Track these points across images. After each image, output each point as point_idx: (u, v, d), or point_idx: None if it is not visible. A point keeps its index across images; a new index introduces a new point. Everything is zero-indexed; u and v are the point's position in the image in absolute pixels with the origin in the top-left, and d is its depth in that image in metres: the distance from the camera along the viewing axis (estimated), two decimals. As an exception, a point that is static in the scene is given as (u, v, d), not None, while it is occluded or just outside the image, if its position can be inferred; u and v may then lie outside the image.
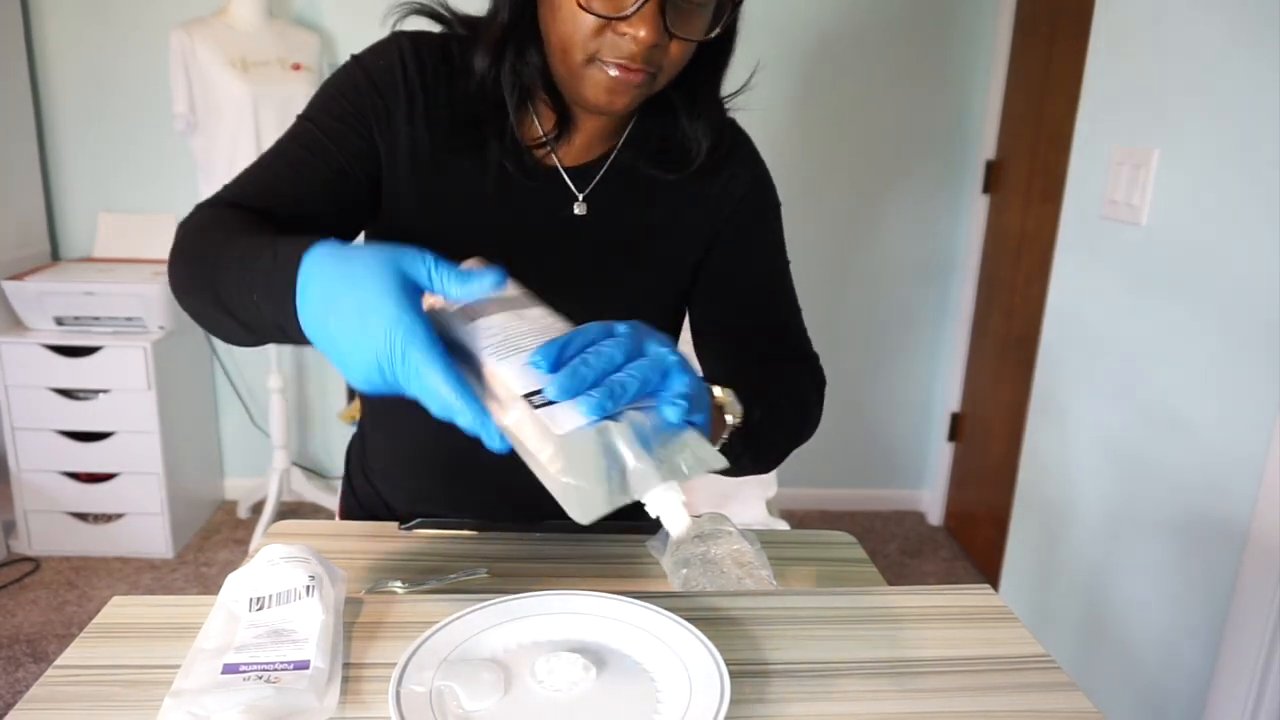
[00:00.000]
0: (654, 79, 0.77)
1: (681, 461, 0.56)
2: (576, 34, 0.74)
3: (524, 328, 0.59)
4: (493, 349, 0.57)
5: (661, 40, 0.73)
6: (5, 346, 2.36)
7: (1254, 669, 1.29)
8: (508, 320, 0.60)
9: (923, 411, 3.05)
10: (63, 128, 2.63)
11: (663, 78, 0.78)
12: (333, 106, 0.82)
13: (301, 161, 0.81)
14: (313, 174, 0.81)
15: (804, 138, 2.77)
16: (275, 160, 0.82)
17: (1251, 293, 1.32)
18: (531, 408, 0.55)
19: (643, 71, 0.75)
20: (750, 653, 0.65)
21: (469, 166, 0.85)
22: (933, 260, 2.91)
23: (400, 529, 0.91)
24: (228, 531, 2.75)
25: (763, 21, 2.64)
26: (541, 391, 0.55)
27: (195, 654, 0.60)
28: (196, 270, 0.70)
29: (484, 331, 0.58)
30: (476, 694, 0.57)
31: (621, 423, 0.55)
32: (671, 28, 0.73)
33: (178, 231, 0.76)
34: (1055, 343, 1.84)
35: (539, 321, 0.60)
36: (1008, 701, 0.61)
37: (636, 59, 0.74)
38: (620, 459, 0.54)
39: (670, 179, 0.88)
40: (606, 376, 0.56)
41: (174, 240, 0.75)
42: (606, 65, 0.75)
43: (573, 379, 0.54)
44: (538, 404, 0.55)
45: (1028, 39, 2.56)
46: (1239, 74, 1.35)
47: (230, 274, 0.65)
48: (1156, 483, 1.51)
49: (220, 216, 0.75)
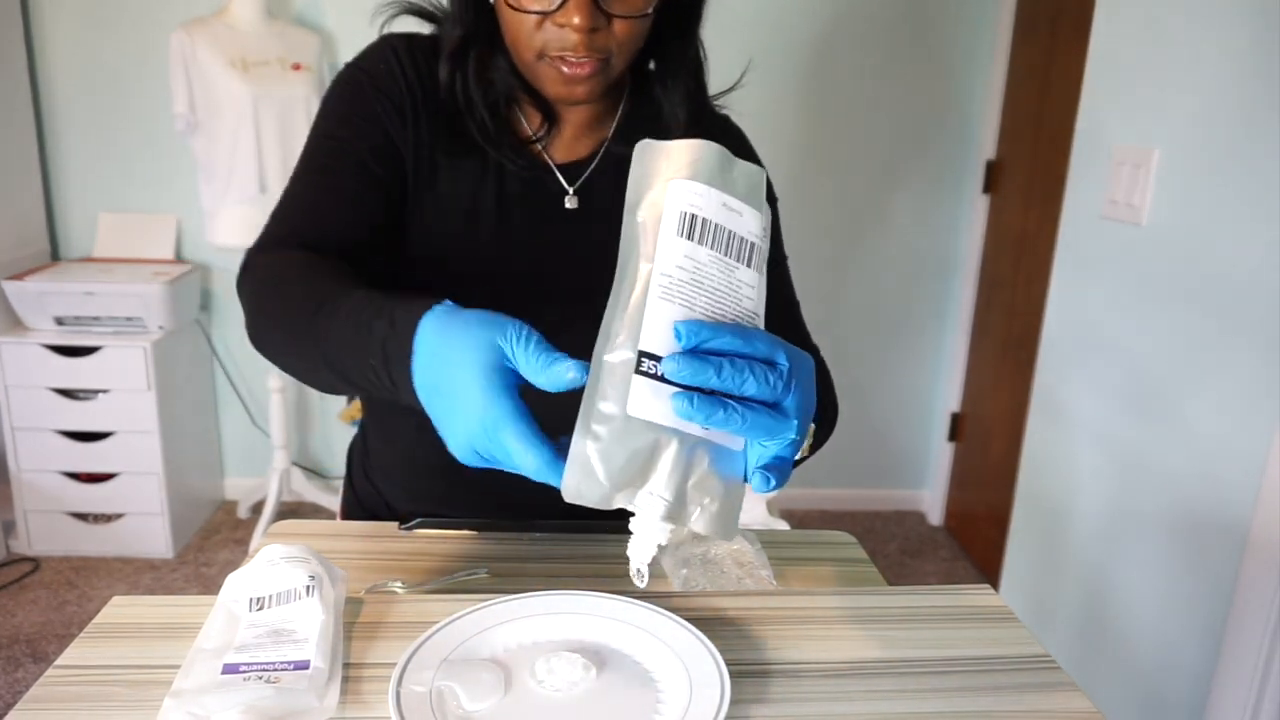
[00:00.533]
0: (608, 63, 0.77)
1: (696, 512, 0.53)
2: (519, 33, 0.75)
3: (715, 284, 0.54)
4: (668, 284, 0.52)
5: (598, 24, 0.73)
6: (5, 346, 2.36)
7: (1254, 669, 1.29)
8: (713, 263, 0.54)
9: (923, 411, 3.05)
10: (63, 128, 2.63)
11: (618, 59, 0.78)
12: (350, 118, 0.83)
13: (341, 184, 0.81)
14: (357, 193, 0.81)
15: (804, 138, 2.77)
16: (315, 186, 0.82)
17: (1251, 293, 1.32)
18: (634, 368, 0.51)
19: (590, 60, 0.75)
20: (750, 653, 0.65)
21: (466, 166, 0.85)
22: (933, 260, 2.91)
23: (400, 529, 0.91)
24: (228, 531, 2.75)
25: (762, 21, 2.64)
26: (658, 359, 0.51)
27: (195, 654, 0.60)
28: (292, 332, 0.68)
29: (678, 257, 0.53)
30: (476, 694, 0.57)
31: (685, 444, 0.52)
32: (607, 8, 0.73)
33: (245, 285, 0.75)
34: (1055, 343, 1.84)
35: (734, 291, 0.55)
36: (1008, 701, 0.61)
37: (580, 48, 0.74)
38: (648, 475, 0.52)
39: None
40: (728, 393, 0.51)
41: (246, 296, 0.75)
42: (554, 60, 0.76)
43: (693, 373, 0.50)
44: (642, 368, 0.51)
45: (1028, 39, 2.56)
46: (1239, 74, 1.35)
47: (341, 338, 0.63)
48: (1156, 483, 1.51)
49: (289, 266, 0.73)
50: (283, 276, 0.73)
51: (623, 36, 0.76)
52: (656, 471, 0.52)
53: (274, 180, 2.43)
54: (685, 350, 0.51)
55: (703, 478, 0.53)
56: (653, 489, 0.52)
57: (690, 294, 0.53)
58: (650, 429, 0.51)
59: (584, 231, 0.88)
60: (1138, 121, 1.59)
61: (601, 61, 0.76)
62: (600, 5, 0.73)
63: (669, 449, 0.52)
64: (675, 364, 0.50)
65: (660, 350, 0.51)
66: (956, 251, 2.90)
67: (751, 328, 0.54)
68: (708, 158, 0.55)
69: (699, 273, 0.53)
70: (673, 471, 0.52)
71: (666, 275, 0.52)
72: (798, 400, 0.54)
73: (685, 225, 0.53)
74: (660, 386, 0.51)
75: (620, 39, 0.76)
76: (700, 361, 0.51)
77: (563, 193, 0.88)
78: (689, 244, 0.53)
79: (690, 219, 0.53)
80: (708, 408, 0.51)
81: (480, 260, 0.86)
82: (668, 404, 0.51)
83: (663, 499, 0.52)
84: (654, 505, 0.52)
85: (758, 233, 0.56)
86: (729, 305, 0.54)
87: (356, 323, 0.62)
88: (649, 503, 0.52)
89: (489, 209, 0.86)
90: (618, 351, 0.52)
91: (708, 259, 0.53)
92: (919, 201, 2.85)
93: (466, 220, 0.86)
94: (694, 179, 0.54)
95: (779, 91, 2.72)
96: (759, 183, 0.57)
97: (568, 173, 0.88)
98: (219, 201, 2.47)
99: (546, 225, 0.87)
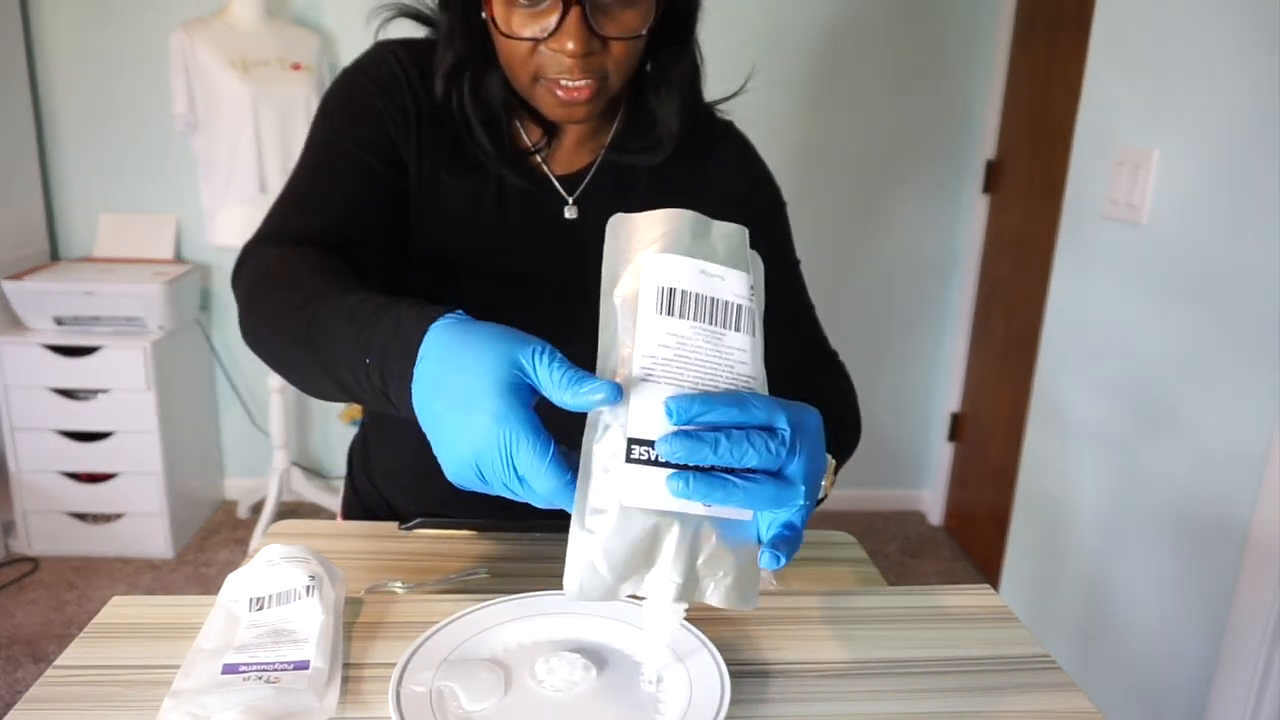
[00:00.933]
0: (605, 84, 0.76)
1: (712, 586, 0.51)
2: (513, 58, 0.75)
3: (703, 356, 0.52)
4: (651, 364, 0.50)
5: (592, 48, 0.72)
6: (5, 346, 2.36)
7: (1254, 669, 1.29)
8: (697, 335, 0.52)
9: (923, 411, 3.05)
10: (63, 128, 2.63)
11: (615, 78, 0.77)
12: (351, 115, 0.82)
13: (340, 181, 0.80)
14: (356, 190, 0.80)
15: (804, 138, 2.77)
16: (313, 182, 0.80)
17: (1251, 293, 1.32)
18: (625, 457, 0.49)
19: (587, 84, 0.74)
20: (750, 653, 0.65)
21: (466, 178, 0.85)
22: (933, 260, 2.91)
23: (400, 529, 0.91)
24: (228, 531, 2.75)
25: (762, 22, 2.64)
26: (650, 443, 0.49)
27: (195, 654, 0.60)
28: (285, 326, 0.65)
29: (660, 335, 0.51)
30: (476, 694, 0.57)
31: (689, 524, 0.50)
32: (602, 31, 0.72)
33: (241, 279, 0.73)
34: (1055, 343, 1.84)
35: (724, 359, 0.52)
36: (1008, 701, 0.61)
37: (575, 72, 0.73)
38: (654, 559, 0.50)
39: (665, 176, 0.88)
40: (729, 468, 0.49)
41: (241, 290, 0.72)
42: (550, 84, 0.75)
43: (689, 452, 0.48)
44: (633, 455, 0.49)
45: (1028, 39, 2.56)
46: (1239, 74, 1.35)
47: (336, 334, 0.60)
48: (1156, 483, 1.51)
49: (286, 260, 0.71)
50: (277, 269, 0.71)
51: (619, 57, 0.75)
52: (661, 556, 0.50)
53: (274, 180, 2.43)
54: (677, 429, 0.49)
55: (712, 553, 0.51)
56: (660, 574, 0.50)
57: (678, 370, 0.51)
58: (649, 515, 0.49)
59: (583, 242, 0.87)
60: (1138, 121, 1.59)
61: (598, 83, 0.75)
62: (594, 29, 0.72)
63: (672, 532, 0.50)
64: (668, 445, 0.48)
65: (652, 434, 0.49)
66: (956, 251, 2.90)
67: (748, 393, 0.51)
68: (680, 226, 0.53)
69: (684, 347, 0.51)
70: (678, 554, 0.50)
71: (649, 356, 0.50)
72: (803, 465, 0.51)
73: (663, 301, 0.51)
74: (655, 470, 0.49)
75: (617, 59, 0.75)
76: (694, 440, 0.48)
77: (562, 203, 0.88)
78: (670, 320, 0.51)
79: (668, 293, 0.51)
80: (705, 487, 0.48)
81: (480, 271, 0.86)
82: (663, 488, 0.49)
83: (673, 582, 0.50)
84: (664, 589, 0.50)
85: (744, 294, 0.54)
86: (721, 375, 0.52)
87: (356, 318, 0.59)
88: (659, 587, 0.50)
89: (489, 220, 0.86)
90: (606, 440, 0.50)
91: (691, 331, 0.51)
92: (919, 201, 2.85)
93: (466, 231, 0.86)
94: (668, 250, 0.52)
95: (779, 92, 2.72)
96: (740, 242, 0.55)
97: (567, 183, 0.88)
98: (219, 201, 2.47)
99: (546, 236, 0.87)
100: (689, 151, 0.88)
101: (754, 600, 0.52)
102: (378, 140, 0.81)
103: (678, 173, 0.89)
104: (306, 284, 0.66)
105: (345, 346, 0.59)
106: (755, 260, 0.57)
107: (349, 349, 0.58)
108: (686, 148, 0.88)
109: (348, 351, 0.59)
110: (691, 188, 0.90)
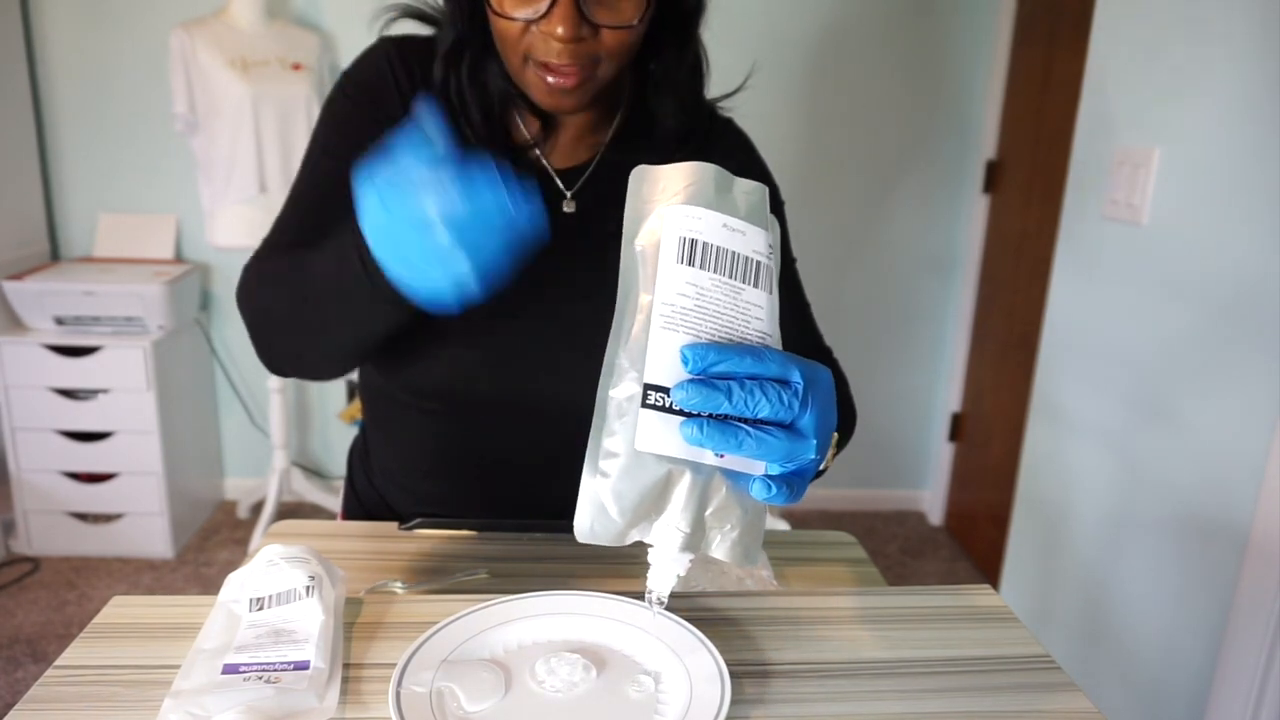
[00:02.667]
0: (594, 73, 0.76)
1: (716, 539, 0.52)
2: (506, 39, 0.75)
3: (721, 308, 0.52)
4: (670, 312, 0.51)
5: (583, 34, 0.72)
6: (5, 346, 2.36)
7: (1255, 669, 1.29)
8: (717, 287, 0.52)
9: (923, 411, 3.05)
10: (63, 128, 2.63)
11: (605, 69, 0.76)
12: (345, 133, 0.83)
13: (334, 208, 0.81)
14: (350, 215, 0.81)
15: (804, 138, 2.77)
16: (309, 205, 0.82)
17: (1251, 293, 1.32)
18: (640, 402, 0.50)
19: (575, 70, 0.74)
20: (750, 653, 0.65)
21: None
22: (933, 260, 2.91)
23: (400, 529, 0.91)
24: (228, 531, 2.75)
25: (763, 22, 2.64)
26: (665, 390, 0.50)
27: (195, 654, 0.60)
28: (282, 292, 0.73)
29: (680, 284, 0.51)
30: (476, 694, 0.57)
31: (700, 473, 0.51)
32: (594, 18, 0.72)
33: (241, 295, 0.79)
34: (1055, 342, 1.84)
35: (743, 314, 0.53)
36: (1008, 701, 0.61)
37: (564, 57, 0.73)
38: (663, 506, 0.51)
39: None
40: (742, 416, 0.50)
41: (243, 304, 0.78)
42: (540, 68, 0.75)
43: (703, 399, 0.49)
44: (648, 401, 0.50)
45: (1028, 39, 2.56)
46: (1239, 74, 1.35)
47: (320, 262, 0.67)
48: (1156, 483, 1.51)
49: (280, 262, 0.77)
50: (276, 269, 0.76)
51: (611, 46, 0.74)
52: (671, 504, 0.51)
53: (274, 180, 2.43)
54: (693, 376, 0.50)
55: (721, 505, 0.52)
56: (668, 521, 0.51)
57: (695, 321, 0.51)
58: (661, 462, 0.50)
59: (582, 236, 0.88)
60: (1138, 121, 1.59)
61: (588, 71, 0.75)
62: (586, 16, 0.71)
63: (683, 480, 0.51)
64: (684, 391, 0.49)
65: (667, 381, 0.50)
66: (956, 251, 2.90)
67: (751, 346, 0.52)
68: (704, 180, 0.54)
69: (703, 298, 0.52)
70: (688, 503, 0.51)
71: (668, 304, 0.51)
72: (815, 418, 0.52)
73: (685, 251, 0.52)
74: (669, 417, 0.50)
75: (608, 48, 0.74)
76: (709, 387, 0.49)
77: (560, 197, 0.88)
78: (690, 270, 0.52)
79: (690, 244, 0.52)
80: (719, 435, 0.49)
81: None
82: (677, 434, 0.50)
83: (679, 530, 0.51)
84: (671, 537, 0.51)
85: (764, 251, 0.55)
86: (738, 328, 0.53)
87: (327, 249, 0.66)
88: (666, 535, 0.51)
89: None
90: (622, 385, 0.50)
91: (711, 283, 0.52)
92: (919, 201, 2.85)
93: None
94: (691, 202, 0.52)
95: (780, 92, 2.72)
96: (761, 200, 0.56)
97: (566, 178, 0.88)
98: (218, 201, 2.47)
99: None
100: (689, 150, 0.88)
101: (757, 558, 0.53)
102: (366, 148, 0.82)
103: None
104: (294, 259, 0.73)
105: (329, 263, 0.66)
106: (773, 221, 0.57)
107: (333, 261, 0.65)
108: (687, 146, 0.88)
109: (333, 262, 0.65)
110: None
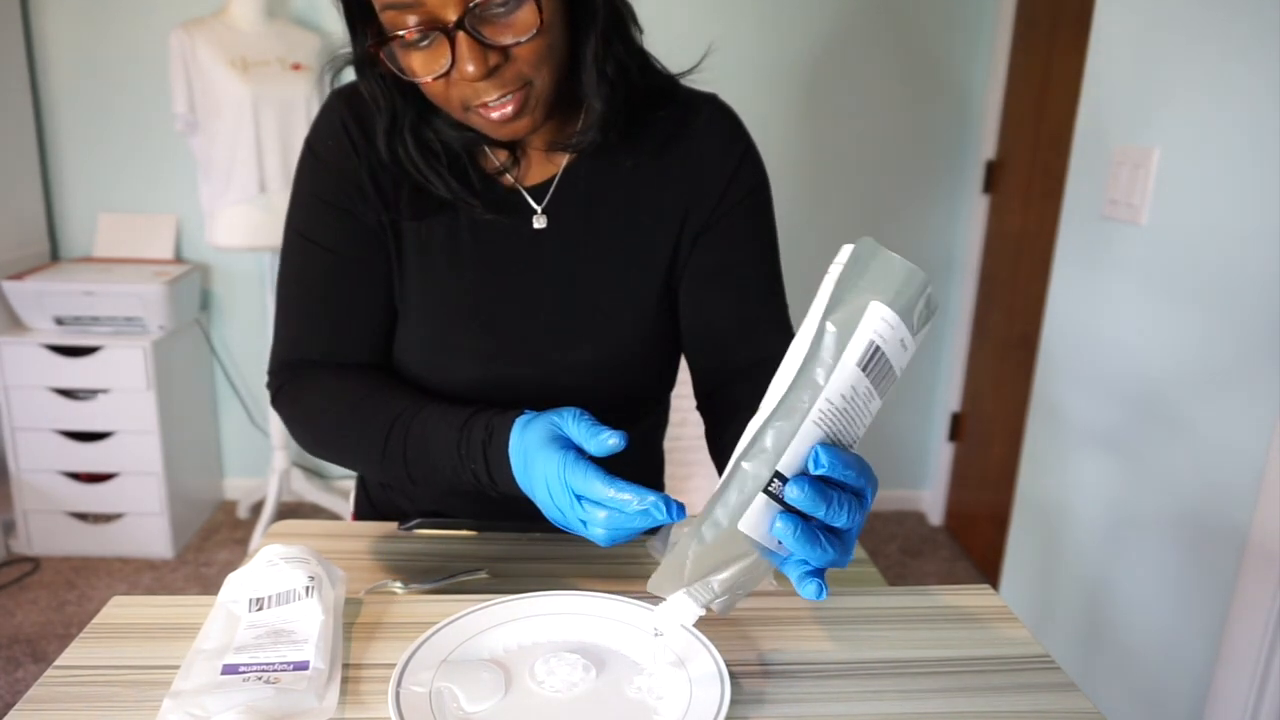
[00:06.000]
0: (532, 91, 0.74)
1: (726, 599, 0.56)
2: (436, 98, 0.76)
3: (856, 412, 0.55)
4: (829, 410, 0.53)
5: (496, 63, 0.71)
6: (5, 346, 2.36)
7: (1254, 669, 1.29)
8: (865, 396, 0.54)
9: (923, 411, 3.05)
10: (63, 128, 2.63)
11: (540, 80, 0.74)
12: (318, 213, 0.85)
13: (326, 291, 0.86)
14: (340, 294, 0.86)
15: (804, 138, 2.77)
16: (304, 302, 0.86)
17: (1251, 292, 1.32)
18: (762, 488, 0.53)
19: (511, 98, 0.73)
20: (750, 653, 0.65)
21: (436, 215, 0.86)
22: (933, 260, 2.91)
23: (400, 529, 0.91)
24: (228, 531, 2.75)
25: (763, 22, 2.64)
26: (784, 480, 0.53)
27: (195, 654, 0.60)
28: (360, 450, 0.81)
29: (846, 388, 0.53)
30: (476, 695, 0.57)
31: (762, 555, 0.55)
32: (498, 42, 0.70)
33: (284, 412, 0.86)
34: (1055, 343, 1.84)
35: (864, 419, 0.56)
36: (1008, 701, 0.61)
37: (492, 91, 0.73)
38: (717, 573, 0.55)
39: (627, 166, 0.86)
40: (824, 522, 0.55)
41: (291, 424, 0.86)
42: (479, 109, 0.74)
43: (812, 505, 0.53)
44: (769, 487, 0.53)
45: (1028, 39, 2.56)
46: (1239, 74, 1.35)
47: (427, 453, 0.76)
48: (1156, 483, 1.51)
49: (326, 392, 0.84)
50: (325, 409, 0.83)
51: (530, 58, 0.72)
52: (725, 574, 0.54)
53: (273, 180, 2.43)
54: (813, 475, 0.53)
55: (750, 580, 0.56)
56: (709, 584, 0.55)
57: (838, 422, 0.54)
58: (750, 544, 0.54)
59: (553, 249, 0.87)
60: (1138, 121, 1.59)
61: (524, 93, 0.74)
62: (489, 45, 0.70)
63: (748, 559, 0.54)
64: (799, 491, 0.53)
65: (789, 471, 0.53)
66: (956, 251, 2.90)
67: (857, 456, 0.56)
68: (913, 288, 0.54)
69: (853, 404, 0.54)
70: (738, 578, 0.54)
71: (830, 403, 0.53)
72: (859, 526, 0.56)
73: (868, 357, 0.53)
74: (773, 505, 0.53)
75: (530, 61, 0.72)
76: (820, 495, 0.53)
77: (531, 212, 0.87)
78: (862, 376, 0.53)
79: (875, 352, 0.53)
80: (806, 544, 0.53)
81: (465, 293, 0.86)
82: (771, 523, 0.53)
83: (716, 594, 0.55)
84: (702, 594, 0.55)
85: (905, 366, 0.57)
86: (856, 430, 0.55)
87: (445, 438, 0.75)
88: (700, 592, 0.55)
89: (467, 245, 0.86)
90: (757, 462, 0.53)
91: (865, 391, 0.54)
92: (919, 201, 2.85)
93: (449, 261, 0.86)
94: (892, 305, 0.53)
95: (780, 91, 2.71)
96: (928, 315, 0.57)
97: (536, 193, 0.87)
98: (218, 201, 2.47)
99: (519, 248, 0.87)
100: (667, 135, 0.86)
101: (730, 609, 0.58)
102: (346, 234, 0.85)
103: (658, 163, 0.87)
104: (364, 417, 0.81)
105: (445, 458, 0.75)
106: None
107: (450, 461, 0.75)
108: (662, 131, 0.86)
109: (451, 462, 0.75)
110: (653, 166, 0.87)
